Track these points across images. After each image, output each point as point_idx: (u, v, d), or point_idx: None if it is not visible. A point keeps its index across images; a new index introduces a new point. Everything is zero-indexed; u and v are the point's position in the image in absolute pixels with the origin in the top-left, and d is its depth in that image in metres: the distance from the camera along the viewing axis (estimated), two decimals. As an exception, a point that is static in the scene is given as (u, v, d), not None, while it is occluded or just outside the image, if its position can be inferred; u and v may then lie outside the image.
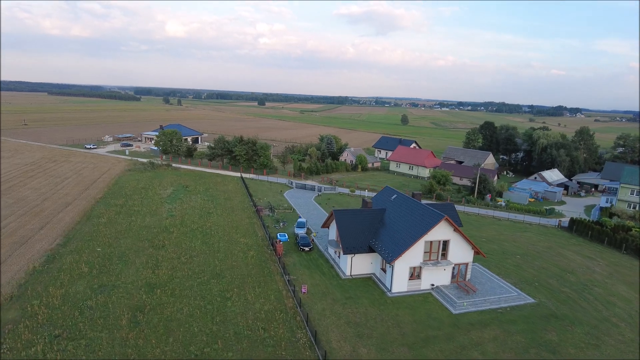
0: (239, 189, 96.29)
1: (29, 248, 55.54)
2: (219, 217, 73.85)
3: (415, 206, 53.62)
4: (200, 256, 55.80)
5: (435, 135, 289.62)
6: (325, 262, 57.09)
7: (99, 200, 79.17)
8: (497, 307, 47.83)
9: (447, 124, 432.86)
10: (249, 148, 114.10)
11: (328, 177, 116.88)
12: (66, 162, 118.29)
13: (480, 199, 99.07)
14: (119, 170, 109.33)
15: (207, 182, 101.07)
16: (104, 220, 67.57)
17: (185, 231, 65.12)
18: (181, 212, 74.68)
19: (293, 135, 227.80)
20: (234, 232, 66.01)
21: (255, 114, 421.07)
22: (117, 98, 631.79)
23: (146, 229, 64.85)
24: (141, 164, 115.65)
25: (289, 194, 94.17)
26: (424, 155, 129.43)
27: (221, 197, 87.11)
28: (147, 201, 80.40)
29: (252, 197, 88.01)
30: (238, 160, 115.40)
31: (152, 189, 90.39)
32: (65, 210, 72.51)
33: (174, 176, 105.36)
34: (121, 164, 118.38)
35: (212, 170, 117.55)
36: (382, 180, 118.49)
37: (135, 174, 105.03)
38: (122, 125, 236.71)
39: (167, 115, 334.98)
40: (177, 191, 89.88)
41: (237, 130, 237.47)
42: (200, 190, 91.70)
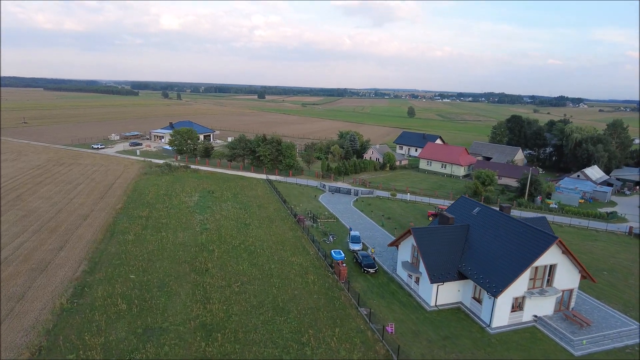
0: (269, 193, 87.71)
1: (51, 277, 46.96)
2: (259, 229, 65.35)
3: (512, 224, 45.29)
4: (254, 283, 47.42)
5: (446, 128, 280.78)
6: (398, 288, 48.85)
7: (120, 212, 70.44)
8: (621, 345, 39.88)
9: (453, 116, 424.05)
10: (273, 148, 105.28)
11: (357, 177, 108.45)
12: (75, 164, 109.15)
13: (530, 201, 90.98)
14: (134, 173, 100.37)
15: (232, 186, 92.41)
16: (130, 237, 58.93)
17: (226, 249, 56.64)
18: (216, 225, 66.11)
19: (303, 130, 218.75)
20: (281, 249, 57.59)
21: (258, 108, 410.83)
22: (115, 93, 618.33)
23: (182, 248, 56.32)
24: (157, 166, 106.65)
25: (324, 199, 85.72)
26: (458, 153, 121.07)
27: (254, 205, 78.55)
28: (174, 211, 71.72)
29: (287, 204, 79.54)
30: (262, 161, 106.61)
31: (175, 195, 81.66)
32: (84, 225, 63.78)
33: (195, 179, 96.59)
34: (134, 166, 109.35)
35: (234, 171, 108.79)
36: (416, 180, 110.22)
37: (153, 178, 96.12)
38: (125, 122, 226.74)
39: (168, 110, 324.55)
40: (203, 198, 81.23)
41: (244, 125, 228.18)
42: (229, 197, 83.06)
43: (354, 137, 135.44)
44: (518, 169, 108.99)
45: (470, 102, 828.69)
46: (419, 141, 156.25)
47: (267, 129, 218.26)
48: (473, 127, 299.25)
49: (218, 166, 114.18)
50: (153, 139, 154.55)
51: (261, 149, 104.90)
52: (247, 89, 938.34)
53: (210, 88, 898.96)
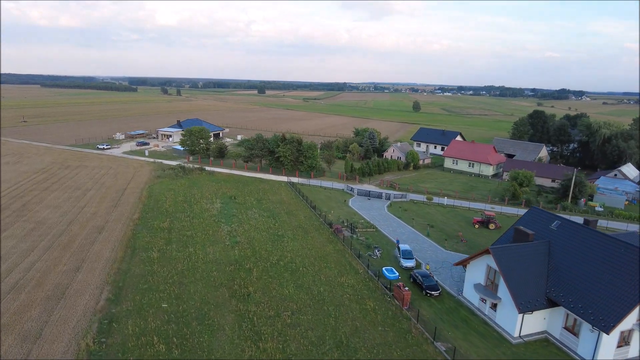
0: (294, 198, 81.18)
1: (70, 307, 40.45)
2: (294, 241, 58.89)
3: (606, 242, 38.95)
4: (306, 312, 41.03)
5: (455, 122, 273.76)
6: (470, 314, 42.57)
7: (138, 223, 63.80)
8: None
9: (458, 110, 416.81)
10: (293, 148, 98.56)
11: (381, 178, 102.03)
12: (81, 167, 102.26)
13: (573, 204, 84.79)
14: (146, 177, 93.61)
15: (254, 190, 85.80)
16: (154, 255, 52.38)
17: (265, 267, 50.19)
18: (246, 237, 59.59)
19: (311, 127, 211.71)
20: (325, 267, 51.19)
21: (260, 103, 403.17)
22: (113, 89, 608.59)
23: (215, 267, 49.85)
24: (170, 168, 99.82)
25: (355, 204, 79.28)
26: (487, 151, 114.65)
27: (281, 212, 72.02)
28: (198, 221, 65.13)
29: (316, 210, 73.10)
30: (281, 162, 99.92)
31: (195, 202, 75.04)
32: (100, 240, 57.18)
33: (212, 183, 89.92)
34: (145, 168, 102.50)
35: (251, 173, 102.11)
36: (444, 181, 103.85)
37: (167, 182, 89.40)
38: (128, 119, 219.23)
39: (170, 107, 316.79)
40: (226, 204, 74.65)
41: (250, 122, 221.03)
42: (253, 203, 76.49)
43: (373, 134, 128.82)
44: (558, 169, 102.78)
45: (472, 96, 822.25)
46: (438, 138, 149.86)
47: (275, 125, 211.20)
48: (481, 121, 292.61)
49: (234, 167, 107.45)
50: (160, 137, 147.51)
51: (281, 149, 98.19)
52: (245, 84, 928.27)
53: (208, 83, 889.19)
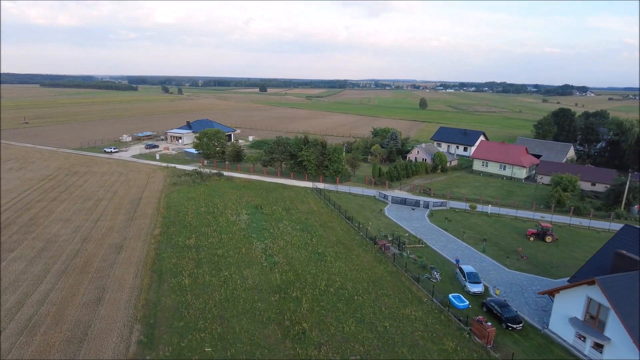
0: (324, 207, 74.57)
1: (96, 352, 33.86)
2: (338, 261, 52.33)
3: None
4: (376, 355, 34.47)
5: (465, 120, 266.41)
6: (565, 354, 36.05)
7: (160, 239, 57.20)
8: None
9: (464, 107, 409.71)
10: (318, 151, 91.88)
11: (410, 183, 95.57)
12: (89, 173, 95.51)
13: (626, 211, 78.28)
14: (160, 183, 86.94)
15: (278, 198, 79.19)
16: (186, 281, 45.76)
17: (314, 295, 43.64)
18: (284, 256, 53.02)
19: (319, 126, 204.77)
20: (382, 294, 44.64)
21: (263, 102, 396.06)
22: (113, 88, 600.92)
23: (257, 295, 43.29)
24: (186, 174, 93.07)
25: (392, 214, 72.73)
26: (519, 152, 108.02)
27: (315, 224, 65.40)
28: (227, 237, 58.49)
29: (353, 222, 66.55)
30: (304, 166, 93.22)
31: (219, 213, 68.41)
32: (120, 261, 50.56)
33: (233, 190, 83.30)
34: (158, 174, 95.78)
35: (271, 178, 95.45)
36: (478, 185, 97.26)
37: (185, 189, 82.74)
38: (132, 120, 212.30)
39: (173, 106, 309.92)
40: (253, 215, 68.06)
41: (257, 121, 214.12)
42: (282, 213, 69.86)
43: (395, 135, 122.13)
44: (600, 172, 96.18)
45: (475, 92, 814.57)
46: (460, 138, 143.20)
47: (282, 125, 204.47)
48: (490, 118, 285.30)
49: (252, 172, 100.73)
50: (170, 139, 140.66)
51: (304, 153, 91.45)
52: (246, 82, 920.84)
53: (209, 82, 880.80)
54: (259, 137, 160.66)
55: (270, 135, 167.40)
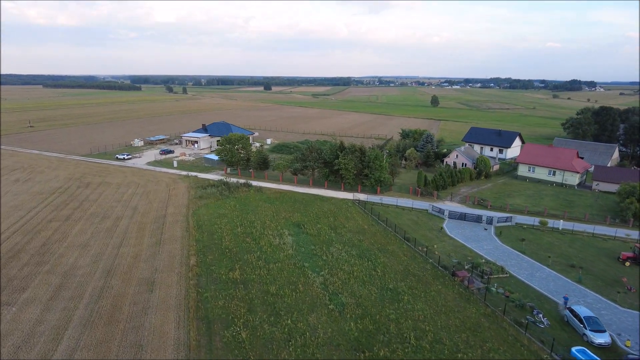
0: (374, 225, 65.52)
1: None
2: (417, 300, 43.27)
3: None
4: None
5: (484, 118, 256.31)
6: None
7: (198, 271, 48.26)
8: None
9: (476, 104, 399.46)
10: (356, 159, 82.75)
11: (457, 191, 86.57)
12: (103, 184, 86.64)
13: None
14: (184, 197, 78.05)
15: (319, 213, 70.15)
16: (242, 334, 36.72)
17: (406, 353, 34.58)
18: (350, 293, 43.95)
19: (333, 126, 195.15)
20: (488, 349, 35.59)
21: (269, 101, 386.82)
22: (116, 88, 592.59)
23: (335, 353, 34.26)
24: (211, 185, 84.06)
25: (454, 231, 63.64)
26: (570, 156, 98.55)
27: (372, 248, 56.35)
28: (275, 266, 49.50)
29: (414, 244, 57.49)
30: (341, 175, 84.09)
31: (259, 234, 59.39)
32: (155, 304, 41.64)
33: (266, 204, 74.33)
34: (179, 185, 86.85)
35: (304, 188, 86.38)
36: (531, 194, 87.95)
37: (213, 203, 73.81)
38: (140, 122, 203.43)
39: (179, 106, 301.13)
40: (297, 236, 59.09)
41: (269, 122, 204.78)
42: (329, 234, 60.81)
43: (431, 137, 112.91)
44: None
45: (481, 89, 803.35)
46: (494, 139, 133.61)
47: (296, 125, 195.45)
48: (508, 116, 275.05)
49: (281, 181, 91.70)
50: (185, 144, 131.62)
51: (342, 160, 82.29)
52: (249, 81, 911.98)
53: (212, 80, 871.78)
54: (277, 139, 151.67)
55: (288, 137, 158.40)
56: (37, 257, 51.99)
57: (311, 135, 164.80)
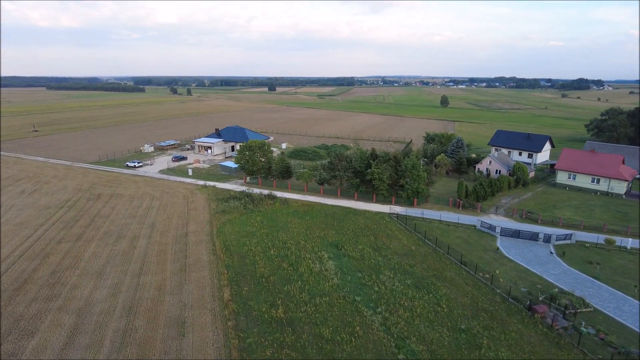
0: (421, 245, 58.63)
1: None
2: (500, 345, 36.37)
3: None
4: None
5: (496, 119, 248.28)
6: None
7: (235, 308, 41.46)
8: None
9: (486, 104, 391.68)
10: (391, 168, 75.87)
11: (497, 203, 79.71)
12: (115, 197, 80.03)
13: None
14: (205, 211, 71.36)
15: (356, 229, 63.34)
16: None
17: None
18: (418, 338, 37.05)
19: (347, 128, 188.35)
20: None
21: (275, 102, 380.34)
22: (120, 90, 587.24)
23: None
24: (232, 196, 77.33)
25: (512, 252, 56.71)
26: (616, 163, 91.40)
27: (427, 275, 49.48)
28: (323, 301, 42.63)
29: (471, 268, 50.59)
30: (373, 186, 77.17)
31: (296, 258, 52.58)
32: (189, 354, 34.85)
33: (295, 219, 67.54)
34: (198, 197, 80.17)
35: (333, 200, 79.54)
36: (578, 204, 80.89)
37: (237, 219, 67.05)
38: (148, 125, 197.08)
39: (185, 108, 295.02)
40: (339, 260, 52.28)
41: (279, 124, 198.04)
42: (375, 257, 53.94)
43: (461, 142, 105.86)
44: None
45: (487, 88, 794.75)
46: (524, 143, 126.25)
47: (308, 128, 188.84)
48: (521, 117, 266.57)
49: (305, 191, 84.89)
50: (198, 149, 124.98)
51: (374, 170, 75.40)
52: (252, 81, 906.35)
53: (215, 81, 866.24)
54: (292, 143, 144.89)
55: (302, 140, 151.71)
56: (46, 288, 45.33)
57: (326, 138, 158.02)
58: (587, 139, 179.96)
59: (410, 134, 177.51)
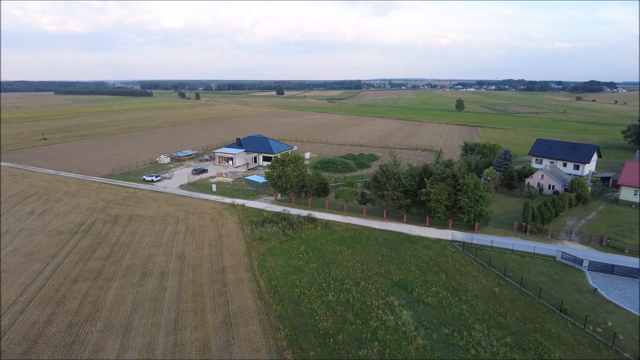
0: (504, 285, 49.38)
1: None
2: None
3: None
4: None
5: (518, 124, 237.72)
6: None
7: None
8: None
9: (501, 107, 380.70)
10: (449, 187, 66.66)
11: (561, 223, 70.31)
12: (135, 220, 71.37)
13: None
14: (239, 237, 62.52)
15: (418, 262, 54.23)
16: None
17: None
18: None
19: (368, 135, 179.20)
20: None
21: (286, 106, 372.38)
22: (128, 94, 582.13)
23: None
24: (267, 219, 68.35)
25: (611, 293, 47.38)
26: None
27: (527, 330, 40.24)
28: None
29: (578, 321, 41.30)
30: (427, 207, 67.91)
31: (360, 306, 43.51)
32: None
33: (343, 248, 58.53)
34: (228, 219, 71.31)
35: (379, 222, 70.39)
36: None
37: (278, 249, 58.17)
38: (161, 132, 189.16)
39: (196, 113, 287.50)
40: (413, 309, 43.14)
41: (296, 131, 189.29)
42: (455, 304, 44.76)
43: (510, 153, 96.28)
44: None
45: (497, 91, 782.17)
46: (568, 153, 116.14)
47: (326, 134, 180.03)
48: (542, 121, 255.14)
49: (345, 211, 75.81)
50: (218, 160, 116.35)
51: (430, 189, 66.17)
52: (259, 85, 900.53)
53: (222, 85, 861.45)
54: (315, 152, 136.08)
55: (325, 149, 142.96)
56: (62, 351, 36.56)
57: (349, 147, 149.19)
58: (624, 145, 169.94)
59: (434, 140, 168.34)
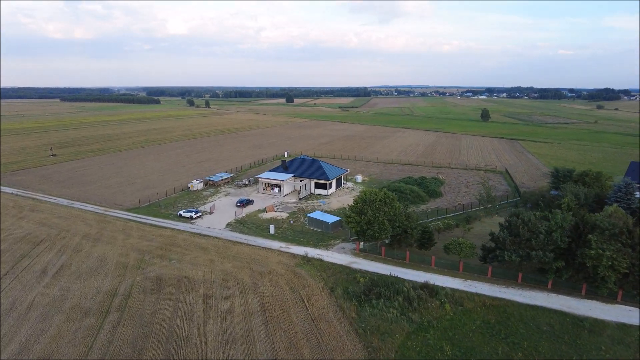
0: None
1: None
2: None
3: None
4: None
5: (558, 137, 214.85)
6: None
7: None
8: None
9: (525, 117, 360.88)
10: (628, 247, 47.56)
11: None
12: (186, 288, 52.37)
13: None
14: (341, 322, 43.62)
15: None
16: None
17: None
18: None
19: (407, 149, 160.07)
20: None
21: (301, 115, 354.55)
22: (134, 101, 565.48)
23: None
24: (366, 286, 49.15)
25: None
26: None
27: None
28: None
29: None
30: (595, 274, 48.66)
31: None
32: None
33: (496, 342, 39.72)
34: (310, 286, 52.30)
35: (515, 291, 51.27)
36: None
37: (405, 347, 39.19)
38: (180, 147, 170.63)
39: (212, 124, 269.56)
40: None
41: (327, 146, 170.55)
42: None
43: (633, 185, 77.00)
44: None
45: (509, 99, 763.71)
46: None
47: (362, 149, 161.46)
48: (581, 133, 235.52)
49: (460, 272, 56.64)
50: (262, 187, 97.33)
51: (600, 251, 46.98)
52: (266, 92, 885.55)
53: (229, 92, 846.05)
54: (369, 175, 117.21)
55: (371, 169, 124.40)
56: None
57: (397, 165, 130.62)
58: None
59: (484, 157, 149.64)
